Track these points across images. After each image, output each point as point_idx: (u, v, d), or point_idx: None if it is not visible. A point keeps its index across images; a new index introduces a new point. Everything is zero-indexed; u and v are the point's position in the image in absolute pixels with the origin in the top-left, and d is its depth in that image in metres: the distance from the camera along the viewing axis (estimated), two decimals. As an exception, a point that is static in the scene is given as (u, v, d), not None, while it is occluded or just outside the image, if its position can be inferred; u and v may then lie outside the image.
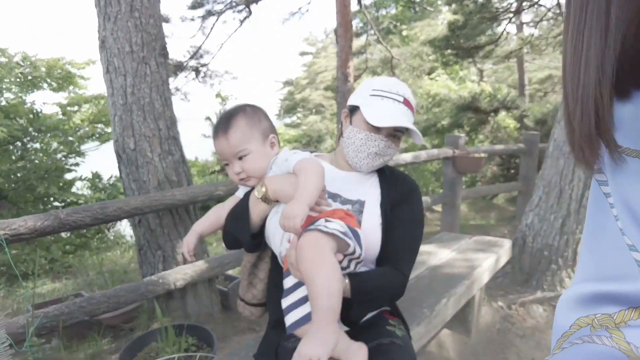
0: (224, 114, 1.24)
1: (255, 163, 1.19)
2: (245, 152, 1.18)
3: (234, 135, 1.17)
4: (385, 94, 1.27)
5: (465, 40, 6.94)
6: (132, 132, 2.62)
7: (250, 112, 1.22)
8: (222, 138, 1.18)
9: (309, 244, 1.01)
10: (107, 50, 2.60)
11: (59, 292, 3.86)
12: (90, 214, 2.15)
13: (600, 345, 0.45)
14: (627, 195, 0.42)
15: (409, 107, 1.28)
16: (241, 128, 1.18)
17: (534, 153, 5.41)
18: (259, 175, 1.20)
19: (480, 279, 2.61)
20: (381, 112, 1.24)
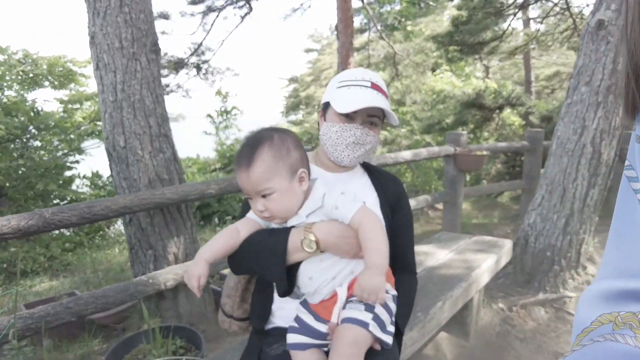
0: (248, 141, 1.07)
1: (281, 203, 1.04)
2: (270, 190, 1.02)
3: (257, 170, 1.01)
4: (351, 82, 1.23)
5: (469, 36, 6.82)
6: (122, 130, 2.58)
7: (278, 142, 1.05)
8: (243, 172, 1.02)
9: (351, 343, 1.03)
10: (96, 46, 2.55)
11: (55, 291, 3.84)
12: (77, 212, 2.10)
13: (623, 344, 0.43)
14: None
15: (379, 91, 1.23)
16: (266, 162, 1.02)
17: (538, 151, 5.30)
18: (284, 216, 1.08)
19: (479, 280, 2.54)
20: (349, 99, 1.20)
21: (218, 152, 7.16)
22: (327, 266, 1.09)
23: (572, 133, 3.34)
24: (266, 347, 1.23)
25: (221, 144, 7.03)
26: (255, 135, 1.08)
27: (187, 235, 2.78)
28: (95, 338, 2.76)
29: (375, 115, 1.24)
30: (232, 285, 1.33)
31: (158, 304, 2.74)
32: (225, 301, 1.37)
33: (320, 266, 1.09)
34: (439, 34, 7.45)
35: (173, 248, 2.71)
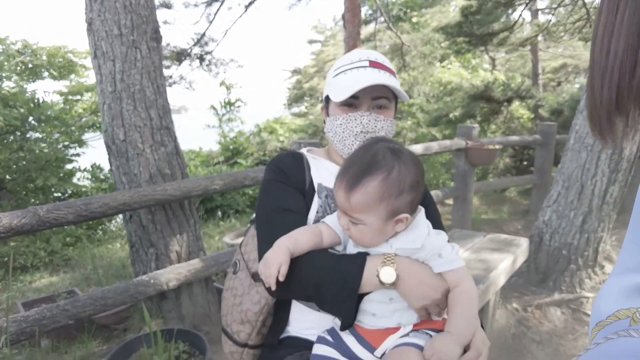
0: (365, 155, 0.91)
1: (365, 236, 0.93)
2: (359, 222, 0.90)
3: (356, 199, 0.88)
4: (347, 67, 1.09)
5: (478, 27, 6.63)
6: (121, 122, 2.45)
7: (394, 180, 0.89)
8: (341, 189, 0.90)
9: None
10: (94, 33, 2.41)
11: (55, 287, 3.74)
12: (73, 210, 1.98)
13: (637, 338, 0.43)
14: None
15: (381, 68, 1.08)
16: (369, 196, 0.88)
17: (551, 145, 5.16)
18: (364, 246, 0.96)
19: (496, 282, 2.41)
20: (346, 85, 1.05)
21: (221, 145, 7.03)
22: (395, 309, 0.95)
23: (592, 127, 3.19)
24: (280, 359, 1.09)
25: (224, 136, 6.90)
26: (375, 155, 0.90)
27: (190, 233, 2.67)
28: (95, 339, 2.66)
29: (382, 96, 1.09)
30: (254, 310, 1.12)
31: (160, 305, 2.63)
32: (238, 329, 1.15)
33: (388, 307, 0.95)
34: (448, 25, 7.26)
35: (175, 246, 2.59)
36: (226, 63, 7.52)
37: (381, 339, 0.95)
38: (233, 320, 1.16)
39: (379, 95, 1.08)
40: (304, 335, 1.12)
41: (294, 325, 1.14)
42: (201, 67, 7.36)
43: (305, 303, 1.10)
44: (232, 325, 1.17)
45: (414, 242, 0.94)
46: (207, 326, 2.65)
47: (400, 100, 1.14)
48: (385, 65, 1.10)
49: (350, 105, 1.09)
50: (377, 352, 0.95)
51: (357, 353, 0.96)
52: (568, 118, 6.63)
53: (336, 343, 0.97)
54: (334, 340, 0.98)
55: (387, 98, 1.10)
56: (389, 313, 0.95)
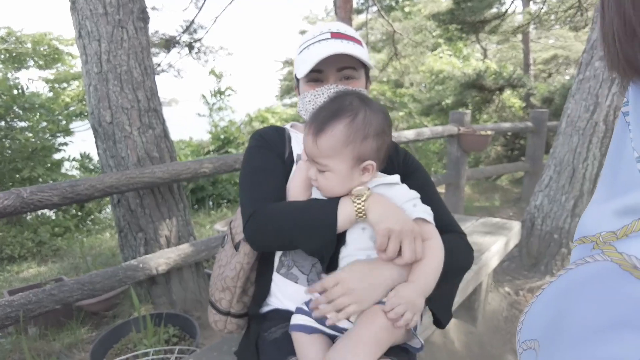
0: (333, 104, 0.93)
1: (331, 183, 0.93)
2: (325, 168, 0.92)
3: (322, 142, 0.90)
4: (310, 42, 1.08)
5: (471, 14, 6.60)
6: (108, 104, 2.39)
7: (359, 124, 0.90)
8: (310, 135, 0.91)
9: (382, 326, 0.87)
10: (78, 12, 2.34)
11: (43, 276, 3.68)
12: (58, 192, 1.93)
13: (592, 263, 0.46)
14: None
15: (344, 38, 1.06)
16: (335, 139, 0.89)
17: (542, 131, 5.16)
18: (328, 195, 0.96)
19: (489, 264, 2.41)
20: (308, 59, 1.04)
21: (212, 135, 6.96)
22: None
23: (584, 110, 3.19)
24: (263, 331, 1.10)
25: (215, 126, 6.82)
26: (342, 102, 0.92)
27: (180, 218, 2.62)
28: (83, 326, 2.61)
29: (347, 66, 1.07)
30: (231, 275, 1.15)
31: (149, 290, 2.59)
32: (220, 296, 1.18)
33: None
34: (440, 12, 7.22)
35: (165, 231, 2.55)
36: (216, 51, 7.42)
37: None
38: (216, 289, 1.19)
39: (344, 65, 1.07)
40: (287, 307, 1.12)
41: (277, 297, 1.14)
42: (190, 55, 7.25)
43: (284, 275, 1.11)
44: (214, 293, 1.20)
45: (390, 179, 0.96)
46: (198, 312, 2.62)
47: (369, 68, 1.13)
48: (348, 34, 1.08)
49: (317, 81, 1.08)
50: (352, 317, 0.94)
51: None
52: (559, 106, 6.65)
53: (312, 310, 0.96)
54: (310, 309, 0.96)
55: (354, 68, 1.08)
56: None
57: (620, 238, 0.44)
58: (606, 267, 0.44)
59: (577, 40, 14.35)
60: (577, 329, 0.42)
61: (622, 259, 0.43)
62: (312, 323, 0.96)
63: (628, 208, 0.44)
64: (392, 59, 8.50)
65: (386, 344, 0.88)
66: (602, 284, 0.43)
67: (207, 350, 1.57)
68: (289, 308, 1.10)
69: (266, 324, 1.11)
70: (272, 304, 1.16)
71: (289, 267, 1.13)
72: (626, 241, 0.44)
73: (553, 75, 15.00)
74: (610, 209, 0.47)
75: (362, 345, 0.84)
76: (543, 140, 5.21)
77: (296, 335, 0.97)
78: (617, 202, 0.46)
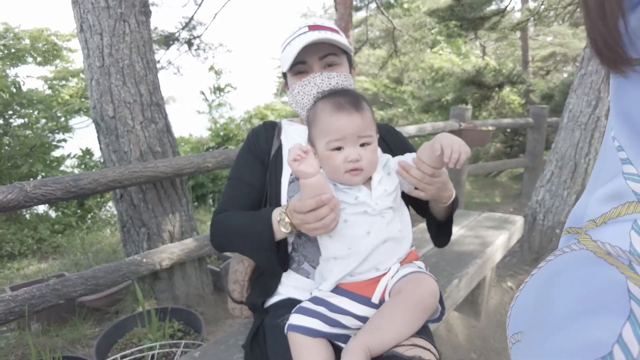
0: (344, 91, 1.01)
1: (375, 155, 0.99)
2: (371, 140, 0.97)
3: (367, 115, 0.98)
4: (290, 38, 1.14)
5: (470, 10, 6.59)
6: (110, 98, 2.37)
7: (368, 103, 1.04)
8: (353, 114, 0.95)
9: (431, 293, 0.93)
10: (79, 5, 2.32)
11: (45, 273, 3.66)
12: (62, 186, 1.92)
13: (569, 252, 0.47)
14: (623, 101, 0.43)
15: (321, 29, 1.11)
16: (369, 113, 1.00)
17: (542, 127, 5.17)
18: (371, 173, 0.99)
19: (493, 257, 2.41)
20: (290, 54, 1.10)
21: (212, 131, 6.94)
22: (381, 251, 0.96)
23: (586, 105, 3.19)
24: (274, 319, 1.10)
25: (215, 122, 6.79)
26: (346, 90, 1.03)
27: (183, 212, 2.61)
28: (86, 322, 2.60)
29: (329, 53, 1.13)
30: (240, 269, 1.26)
31: (152, 285, 2.58)
32: (233, 287, 1.30)
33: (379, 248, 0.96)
34: (439, 9, 7.21)
35: (168, 226, 2.54)
36: (215, 48, 7.38)
37: (372, 287, 0.95)
38: (230, 279, 1.30)
39: (325, 53, 1.12)
40: (299, 297, 1.13)
41: (287, 288, 1.17)
42: (189, 52, 7.22)
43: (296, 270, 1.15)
44: (229, 284, 1.30)
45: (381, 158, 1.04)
46: (201, 307, 2.61)
47: (348, 52, 1.18)
48: (325, 25, 1.14)
49: (302, 72, 1.13)
50: (374, 299, 0.95)
51: (352, 310, 0.94)
52: (559, 103, 6.66)
53: (319, 311, 0.94)
54: (320, 306, 0.95)
55: (335, 54, 1.14)
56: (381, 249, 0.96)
57: (599, 225, 0.45)
58: (582, 255, 0.45)
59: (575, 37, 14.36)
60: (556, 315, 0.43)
61: (596, 246, 0.44)
62: (318, 326, 0.92)
63: (609, 195, 0.45)
64: (391, 56, 8.49)
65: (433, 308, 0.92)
66: (577, 271, 0.44)
67: (213, 344, 1.56)
68: (301, 298, 1.11)
69: (279, 311, 1.11)
70: (283, 293, 1.17)
71: (300, 262, 1.14)
72: (602, 228, 0.45)
73: (551, 73, 15.02)
74: (595, 198, 0.48)
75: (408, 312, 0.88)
76: (543, 136, 5.22)
77: (296, 338, 0.92)
78: (600, 191, 0.47)
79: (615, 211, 0.44)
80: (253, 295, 1.22)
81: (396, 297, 0.91)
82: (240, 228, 1.07)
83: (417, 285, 0.91)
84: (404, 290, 0.91)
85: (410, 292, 0.90)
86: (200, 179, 6.04)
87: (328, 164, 0.97)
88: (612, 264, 0.41)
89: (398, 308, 0.88)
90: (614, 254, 0.42)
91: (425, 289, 0.91)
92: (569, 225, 0.52)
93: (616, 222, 0.43)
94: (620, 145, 0.43)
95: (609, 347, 0.37)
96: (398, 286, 0.93)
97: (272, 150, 1.19)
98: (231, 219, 1.10)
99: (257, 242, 1.03)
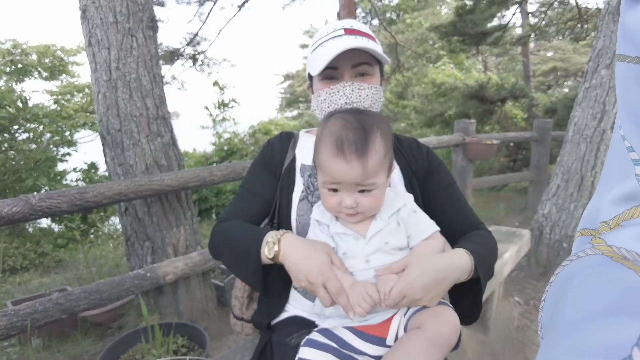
0: (356, 123, 0.86)
1: (377, 200, 0.88)
2: (374, 187, 0.86)
3: (372, 161, 0.84)
4: (323, 39, 1.05)
5: (473, 26, 6.66)
6: (117, 111, 2.38)
7: (386, 130, 0.89)
8: (354, 160, 0.83)
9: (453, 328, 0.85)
10: (88, 20, 2.35)
11: (46, 287, 3.63)
12: (67, 199, 1.91)
13: (584, 257, 0.47)
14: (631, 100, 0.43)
15: (358, 34, 1.03)
16: (379, 154, 0.85)
17: (547, 141, 5.16)
18: (370, 215, 0.90)
19: (502, 272, 2.37)
20: (322, 57, 1.01)
21: (215, 146, 6.96)
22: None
23: (591, 118, 3.19)
24: (283, 337, 1.06)
25: (219, 137, 6.82)
26: (356, 118, 0.88)
27: (188, 226, 2.59)
28: (88, 337, 2.56)
29: (362, 62, 1.04)
30: (239, 285, 1.23)
31: (156, 300, 2.55)
32: (234, 303, 1.26)
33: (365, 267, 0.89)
34: (442, 24, 7.29)
35: (172, 239, 2.52)
36: (219, 63, 7.46)
37: (385, 326, 0.89)
38: (232, 296, 1.28)
39: (359, 61, 1.03)
40: (306, 316, 1.12)
41: (295, 307, 1.15)
42: (194, 67, 7.29)
43: (303, 294, 1.12)
44: (232, 300, 1.28)
45: (398, 202, 0.93)
46: (205, 322, 2.57)
47: (385, 63, 1.11)
48: (362, 30, 1.06)
49: (332, 78, 1.05)
50: (388, 341, 0.89)
51: (365, 350, 0.89)
52: (562, 116, 6.66)
53: (330, 344, 0.90)
54: (331, 340, 0.90)
55: (369, 64, 1.05)
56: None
57: (613, 228, 0.45)
58: (598, 260, 0.45)
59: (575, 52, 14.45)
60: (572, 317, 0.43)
61: (612, 251, 0.44)
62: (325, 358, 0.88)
63: (621, 197, 0.45)
64: (395, 71, 8.56)
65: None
66: (594, 275, 0.44)
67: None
68: (308, 317, 1.10)
69: (286, 329, 1.08)
70: (290, 311, 1.15)
71: None
72: (617, 232, 0.44)
73: (553, 87, 15.11)
74: (607, 199, 0.47)
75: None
76: (547, 149, 5.20)
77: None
78: (612, 192, 0.47)
79: (628, 213, 0.43)
80: (258, 313, 1.19)
81: (416, 335, 0.84)
82: (233, 242, 1.02)
83: (437, 320, 0.84)
84: (424, 326, 0.84)
85: (431, 329, 0.83)
86: (204, 193, 6.03)
87: (323, 200, 0.92)
88: (630, 268, 0.40)
89: (419, 346, 0.82)
90: (630, 258, 0.41)
91: (446, 325, 0.84)
92: (583, 226, 0.52)
93: (630, 226, 0.43)
94: (631, 145, 0.43)
95: (627, 350, 0.35)
96: (417, 320, 0.86)
97: (285, 162, 1.13)
98: (230, 230, 1.05)
99: (243, 260, 0.98)
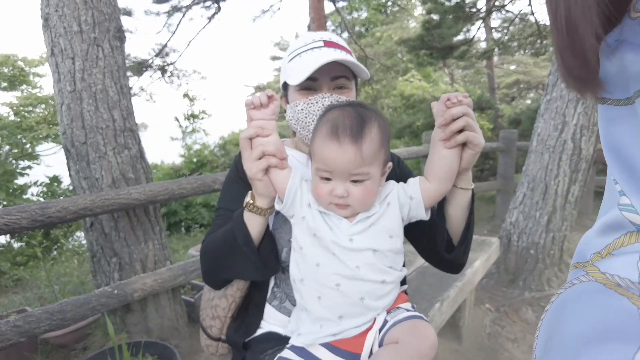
0: (354, 112, 0.86)
1: (368, 194, 0.86)
2: (366, 177, 0.84)
3: (366, 148, 0.82)
4: (301, 49, 1.04)
5: (440, 40, 6.86)
6: (82, 123, 2.30)
7: (384, 125, 0.88)
8: (348, 144, 0.82)
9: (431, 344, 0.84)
10: (50, 29, 2.27)
11: (3, 309, 3.43)
12: (27, 215, 1.82)
13: (577, 284, 0.48)
14: (610, 138, 0.45)
15: (337, 47, 1.03)
16: (375, 143, 0.84)
17: (512, 151, 5.33)
18: (361, 209, 0.88)
19: (472, 280, 2.42)
20: (303, 67, 0.99)
21: (185, 157, 6.83)
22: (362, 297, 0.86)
23: (553, 129, 3.32)
24: (257, 354, 1.05)
25: (188, 149, 6.71)
26: (354, 108, 0.88)
27: (156, 241, 2.52)
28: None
29: (341, 75, 1.04)
30: (223, 305, 1.15)
31: (124, 318, 2.45)
32: (210, 324, 1.18)
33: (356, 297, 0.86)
34: (410, 38, 7.48)
35: (141, 255, 2.44)
36: (189, 74, 7.37)
37: (359, 340, 0.87)
38: (207, 315, 1.19)
39: (338, 74, 1.03)
40: (280, 332, 1.10)
41: (269, 322, 1.13)
42: (163, 79, 7.17)
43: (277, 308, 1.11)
44: (205, 319, 1.19)
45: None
46: (175, 340, 2.49)
47: (360, 78, 1.11)
48: (340, 44, 1.06)
49: (310, 89, 1.04)
50: (362, 357, 0.87)
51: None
52: (526, 127, 6.92)
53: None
54: (303, 359, 0.88)
55: (347, 77, 1.05)
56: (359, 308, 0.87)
57: (604, 257, 0.46)
58: (592, 287, 0.45)
59: (536, 66, 15.09)
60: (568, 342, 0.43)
61: (605, 278, 0.44)
62: None
63: (608, 226, 0.46)
64: (364, 83, 8.69)
65: None
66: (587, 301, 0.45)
67: (190, 379, 1.48)
68: (283, 333, 1.07)
69: (260, 346, 1.07)
70: (265, 327, 1.13)
71: (282, 300, 1.10)
72: (609, 260, 0.45)
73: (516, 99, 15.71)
74: (594, 230, 0.49)
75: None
76: (513, 159, 5.38)
77: None
78: (599, 222, 0.49)
79: (618, 241, 0.45)
80: (233, 331, 1.16)
81: (394, 349, 0.83)
82: (217, 238, 1.01)
83: (415, 337, 0.83)
84: (402, 342, 0.83)
85: (409, 345, 0.82)
86: (173, 207, 5.90)
87: (314, 189, 0.89)
88: (623, 295, 0.41)
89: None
90: (623, 285, 0.42)
91: (425, 341, 0.83)
92: (576, 260, 0.52)
93: (622, 254, 0.44)
94: (615, 179, 0.45)
95: None
96: (394, 334, 0.85)
97: None
98: (209, 238, 1.05)
99: (232, 241, 0.95)
